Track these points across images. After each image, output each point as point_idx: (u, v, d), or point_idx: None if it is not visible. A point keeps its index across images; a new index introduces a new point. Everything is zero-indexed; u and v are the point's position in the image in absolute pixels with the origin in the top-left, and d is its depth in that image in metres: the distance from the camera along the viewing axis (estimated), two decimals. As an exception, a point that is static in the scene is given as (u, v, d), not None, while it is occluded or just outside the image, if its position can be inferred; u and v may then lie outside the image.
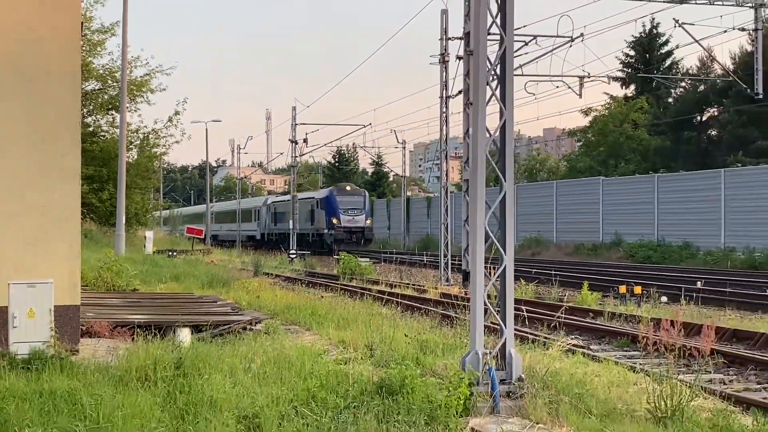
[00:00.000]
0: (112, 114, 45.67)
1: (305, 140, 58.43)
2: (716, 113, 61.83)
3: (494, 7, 9.96)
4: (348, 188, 66.70)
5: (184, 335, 13.13)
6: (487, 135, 9.89)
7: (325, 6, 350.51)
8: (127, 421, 7.59)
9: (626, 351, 15.03)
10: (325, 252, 60.30)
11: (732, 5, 28.80)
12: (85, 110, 43.22)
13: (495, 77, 9.99)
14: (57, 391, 8.64)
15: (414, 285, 29.41)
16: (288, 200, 66.81)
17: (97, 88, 45.77)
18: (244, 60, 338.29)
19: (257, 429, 7.42)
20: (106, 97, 45.78)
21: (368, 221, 62.81)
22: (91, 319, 13.90)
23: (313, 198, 67.18)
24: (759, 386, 12.30)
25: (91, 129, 44.70)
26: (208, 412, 7.79)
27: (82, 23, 14.11)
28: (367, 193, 68.53)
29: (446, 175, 34.61)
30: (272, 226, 76.07)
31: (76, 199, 12.31)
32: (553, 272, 30.10)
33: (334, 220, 60.26)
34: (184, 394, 8.58)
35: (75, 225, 12.22)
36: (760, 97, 33.22)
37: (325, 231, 61.49)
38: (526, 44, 31.71)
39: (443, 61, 33.07)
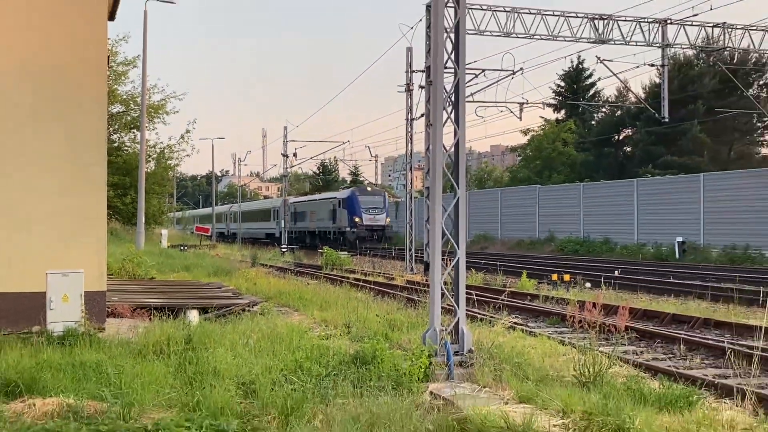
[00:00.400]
0: (134, 132, 45.78)
1: (295, 154, 58.69)
2: (630, 133, 62.42)
3: (449, 46, 10.03)
4: (369, 188, 58.94)
5: (193, 316, 13.04)
6: (444, 151, 9.91)
7: (313, 36, 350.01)
8: (145, 387, 7.52)
9: (557, 328, 15.09)
10: (345, 249, 49.19)
11: (644, 45, 29.02)
12: (111, 129, 43.22)
13: (450, 103, 10.01)
14: (86, 362, 8.57)
15: (384, 274, 29.40)
16: (307, 200, 65.35)
17: (121, 111, 45.88)
18: (245, 84, 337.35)
19: (253, 393, 7.38)
20: (128, 118, 45.90)
21: (387, 220, 54.53)
22: (116, 302, 13.81)
23: (335, 198, 58.10)
24: (665, 356, 12.42)
25: (116, 145, 44.84)
26: (213, 380, 7.73)
27: (108, 57, 14.02)
28: (386, 193, 60.66)
29: (411, 183, 34.76)
30: (291, 224, 64.80)
31: (103, 202, 12.25)
32: (498, 263, 30.26)
33: (356, 219, 52.39)
34: (192, 365, 8.52)
35: (102, 224, 12.16)
36: (666, 120, 33.51)
37: (347, 229, 53.21)
38: (476, 76, 31.81)
39: (408, 90, 33.18)
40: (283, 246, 53.44)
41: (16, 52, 11.55)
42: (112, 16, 17.38)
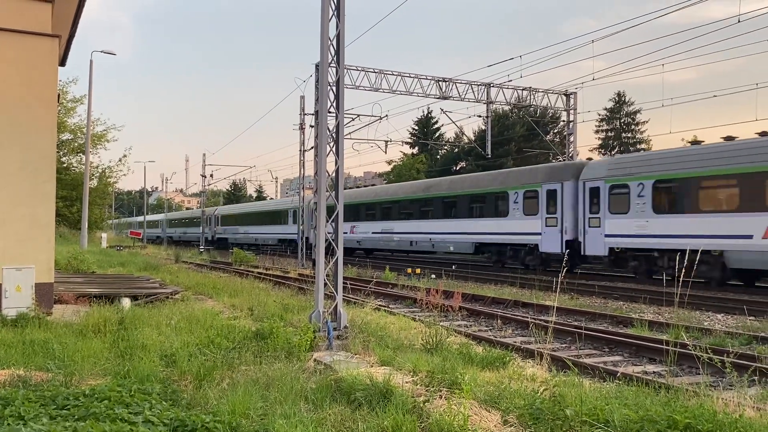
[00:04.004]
0: (80, 155, 43.41)
1: (211, 175, 57.26)
2: (464, 165, 64.38)
3: (332, 96, 10.02)
4: None
5: (126, 302, 12.41)
6: (328, 175, 9.89)
7: (227, 82, 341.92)
8: (84, 359, 7.10)
9: (410, 308, 15.33)
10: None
11: (474, 101, 29.99)
12: (60, 153, 41.26)
13: (332, 139, 10.00)
14: (35, 340, 8.06)
15: (281, 268, 29.03)
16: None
17: (70, 138, 43.73)
18: (173, 117, 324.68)
19: (174, 363, 7.08)
20: (76, 144, 43.75)
21: None
22: (62, 291, 13.01)
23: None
24: (487, 328, 12.82)
25: (65, 165, 42.67)
26: (141, 353, 7.38)
27: (58, 95, 13.23)
28: None
29: (303, 199, 34.47)
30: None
31: (52, 211, 11.59)
32: (367, 259, 30.45)
33: None
34: (124, 341, 8.12)
35: (51, 229, 11.48)
36: (489, 156, 34.75)
37: None
38: (353, 119, 31.93)
39: (301, 128, 33.02)
40: (201, 247, 51.72)
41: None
42: (63, 63, 16.37)
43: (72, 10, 12.87)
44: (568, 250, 20.51)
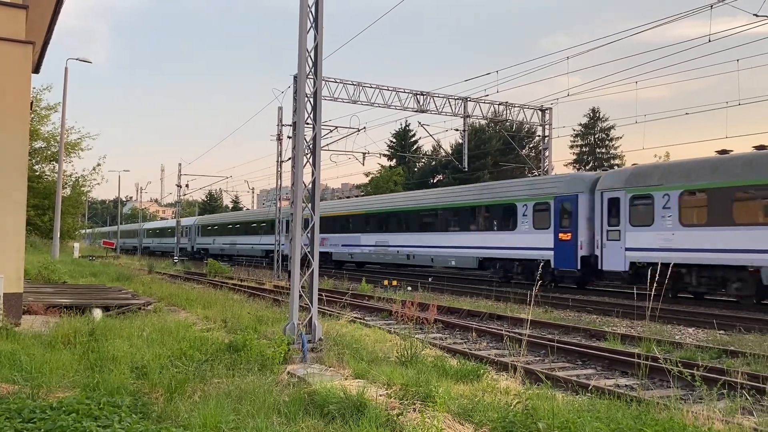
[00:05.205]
0: (53, 164, 42.61)
1: (187, 185, 56.60)
2: (441, 178, 64.69)
3: (310, 108, 10.04)
4: None
5: (97, 313, 12.22)
6: (304, 186, 9.88)
7: (204, 92, 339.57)
8: (53, 371, 6.94)
9: (386, 320, 15.27)
10: None
11: (451, 115, 30.23)
12: (33, 161, 40.42)
13: (309, 151, 10.00)
14: (1, 352, 7.81)
15: (256, 280, 28.80)
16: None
17: (43, 146, 42.82)
18: (148, 127, 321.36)
19: (144, 376, 6.96)
20: (49, 152, 42.79)
21: None
22: (31, 302, 12.74)
23: None
24: (462, 341, 12.83)
25: (37, 173, 41.75)
26: (111, 365, 7.24)
27: (32, 103, 13.03)
28: None
29: (279, 210, 34.35)
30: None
31: (22, 220, 11.35)
32: (344, 272, 30.35)
33: None
34: (94, 353, 7.96)
35: (21, 238, 11.24)
36: (466, 170, 34.99)
37: None
38: (331, 131, 31.98)
39: (279, 139, 32.97)
40: (175, 258, 51.13)
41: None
42: (37, 70, 16.16)
43: (47, 16, 12.74)
44: None
